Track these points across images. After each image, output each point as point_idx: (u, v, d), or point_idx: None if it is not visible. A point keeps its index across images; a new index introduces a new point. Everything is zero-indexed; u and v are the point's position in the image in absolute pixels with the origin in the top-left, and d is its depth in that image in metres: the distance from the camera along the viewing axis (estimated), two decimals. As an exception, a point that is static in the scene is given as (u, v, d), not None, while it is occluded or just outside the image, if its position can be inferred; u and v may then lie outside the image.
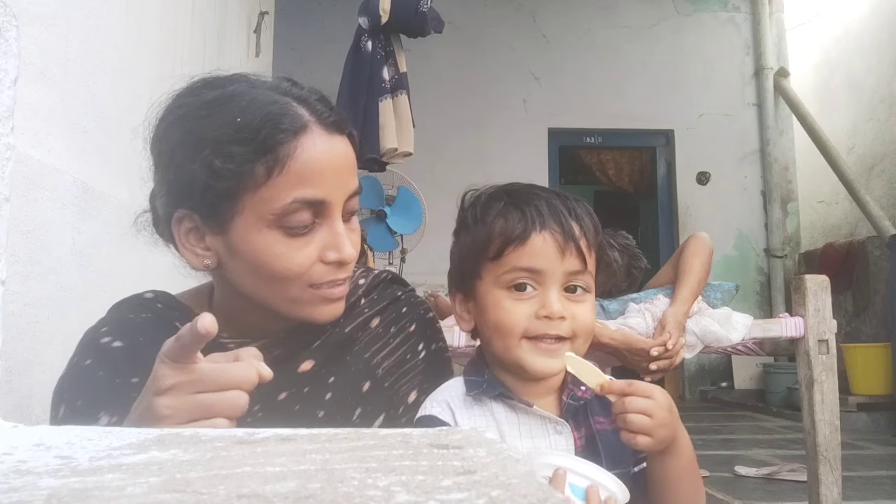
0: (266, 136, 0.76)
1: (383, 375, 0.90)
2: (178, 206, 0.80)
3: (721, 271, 5.22)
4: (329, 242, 0.79)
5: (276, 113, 0.77)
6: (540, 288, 0.83)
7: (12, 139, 0.66)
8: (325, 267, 0.80)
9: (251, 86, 0.81)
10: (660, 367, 1.79)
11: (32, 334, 1.15)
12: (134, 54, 1.67)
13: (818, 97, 5.52)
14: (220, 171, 0.76)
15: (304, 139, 0.77)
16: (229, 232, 0.78)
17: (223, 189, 0.76)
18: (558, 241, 0.82)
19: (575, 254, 0.83)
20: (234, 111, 0.77)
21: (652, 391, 0.77)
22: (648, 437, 0.75)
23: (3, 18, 0.63)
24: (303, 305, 0.81)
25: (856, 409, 4.15)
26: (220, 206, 0.77)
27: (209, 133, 0.77)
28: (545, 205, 0.84)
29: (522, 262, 0.82)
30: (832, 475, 1.79)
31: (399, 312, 0.94)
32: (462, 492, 0.30)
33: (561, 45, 6.04)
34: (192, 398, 0.64)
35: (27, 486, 0.32)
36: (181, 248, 0.81)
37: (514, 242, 0.82)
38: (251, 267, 0.79)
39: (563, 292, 0.83)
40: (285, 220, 0.77)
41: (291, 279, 0.79)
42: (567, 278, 0.83)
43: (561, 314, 0.81)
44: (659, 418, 0.75)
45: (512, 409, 0.86)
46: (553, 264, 0.82)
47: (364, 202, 3.78)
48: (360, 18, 3.22)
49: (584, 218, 0.86)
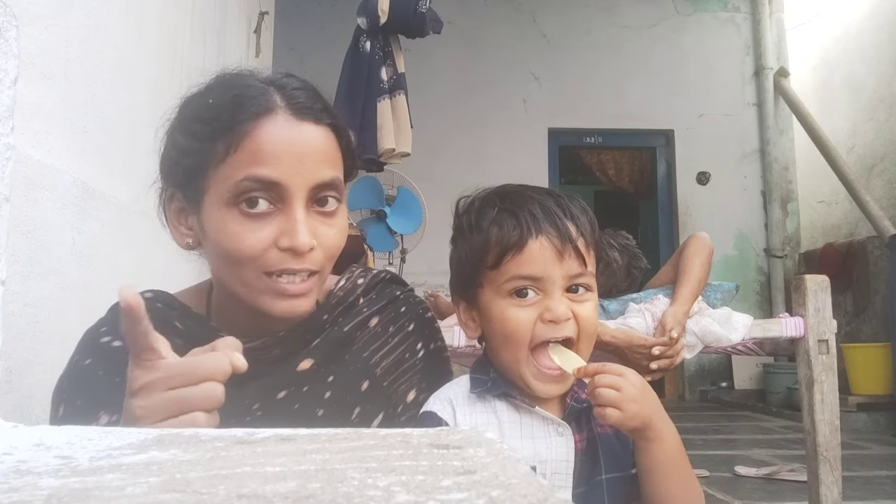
0: (228, 117, 0.78)
1: (382, 374, 0.90)
2: (167, 184, 0.84)
3: (721, 271, 5.22)
4: (285, 228, 0.79)
5: (245, 96, 0.80)
6: (542, 293, 0.83)
7: (12, 139, 0.66)
8: (280, 254, 0.79)
9: (238, 76, 0.85)
10: (660, 366, 1.80)
11: (32, 334, 1.15)
12: (134, 54, 1.67)
13: (818, 97, 5.52)
14: (184, 148, 0.80)
15: (266, 121, 0.79)
16: (202, 211, 0.81)
17: (189, 165, 0.80)
18: (555, 244, 0.82)
19: (574, 255, 0.83)
20: (210, 95, 0.81)
21: (622, 370, 0.79)
22: (617, 410, 0.77)
23: (3, 18, 0.63)
24: (259, 293, 0.80)
25: (856, 409, 4.15)
26: (193, 183, 0.81)
27: (184, 114, 0.82)
28: (539, 208, 0.84)
29: (522, 271, 0.82)
30: (832, 475, 1.79)
31: (398, 312, 0.94)
32: (462, 492, 0.30)
33: (561, 45, 6.04)
34: (164, 395, 0.63)
35: (27, 486, 0.32)
36: (170, 225, 0.85)
37: (512, 251, 0.82)
38: (213, 247, 0.81)
39: (565, 293, 0.83)
40: (239, 198, 0.78)
41: (243, 261, 0.79)
42: (568, 280, 0.83)
43: (567, 316, 0.82)
44: (627, 392, 0.77)
45: (515, 409, 0.86)
46: (552, 269, 0.82)
47: (364, 202, 3.77)
48: (359, 19, 3.22)
49: (579, 217, 0.85)
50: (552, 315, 0.81)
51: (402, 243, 4.04)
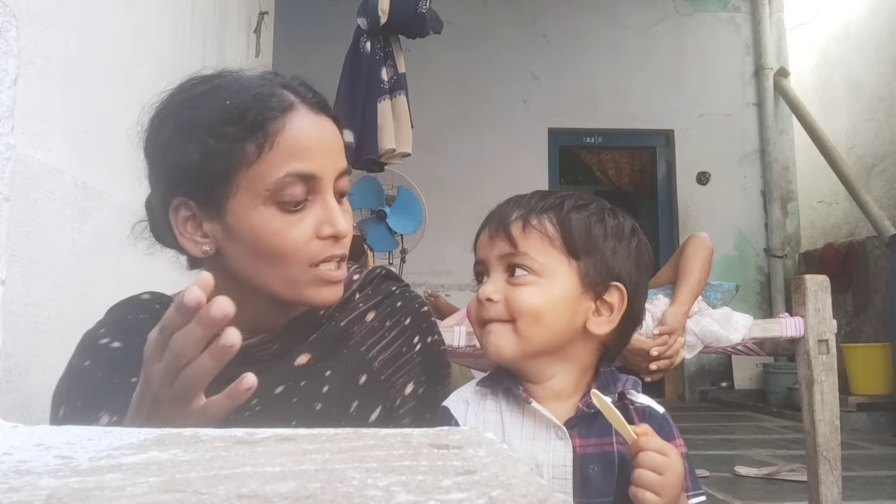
0: (255, 115, 0.78)
1: (379, 368, 0.90)
2: (175, 194, 0.81)
3: (721, 271, 5.22)
4: (323, 218, 0.81)
5: (263, 94, 0.80)
6: (489, 278, 0.87)
7: (12, 139, 0.66)
8: (322, 243, 0.81)
9: (238, 76, 0.84)
10: (660, 367, 1.80)
11: (32, 334, 1.15)
12: (134, 54, 1.67)
13: (818, 97, 5.52)
14: (213, 151, 0.78)
15: (292, 116, 0.80)
16: (226, 214, 0.79)
17: (217, 169, 0.78)
18: (491, 231, 0.88)
19: (504, 237, 0.85)
20: (223, 96, 0.80)
21: (666, 449, 0.76)
22: (656, 497, 0.74)
23: (3, 18, 0.63)
24: (304, 287, 0.82)
25: (856, 409, 4.15)
26: (215, 188, 0.79)
27: (201, 117, 0.79)
28: (501, 206, 0.90)
29: (476, 256, 0.90)
30: (832, 475, 1.79)
31: (394, 307, 0.95)
32: (462, 492, 0.30)
33: (561, 45, 6.04)
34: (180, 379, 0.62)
35: (27, 486, 0.32)
36: (179, 236, 0.82)
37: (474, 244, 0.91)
38: (250, 247, 0.80)
39: (506, 276, 0.85)
40: (279, 195, 0.78)
41: (290, 256, 0.80)
42: (500, 261, 0.86)
43: (486, 295, 0.84)
44: (669, 478, 0.75)
45: (518, 410, 0.85)
46: (487, 253, 0.87)
47: (364, 202, 3.77)
48: (359, 19, 3.22)
49: (536, 203, 0.87)
50: (482, 294, 0.85)
51: (402, 243, 4.04)
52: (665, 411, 0.87)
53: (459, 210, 4.02)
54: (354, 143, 3.08)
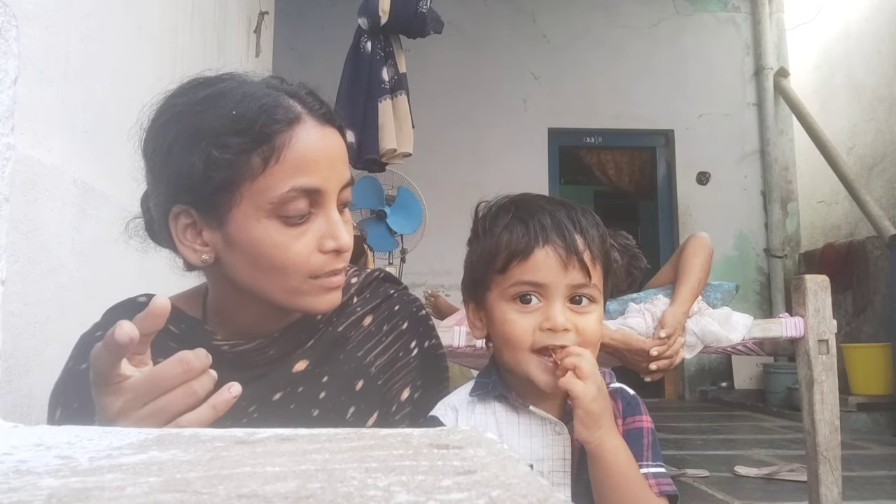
0: (262, 127, 0.77)
1: (376, 373, 0.90)
2: (175, 201, 0.79)
3: (721, 271, 5.22)
4: (326, 231, 0.80)
5: (270, 105, 0.78)
6: (545, 301, 0.84)
7: (12, 139, 0.66)
8: (324, 256, 0.80)
9: (242, 82, 0.82)
10: (660, 366, 1.80)
11: (32, 334, 1.15)
12: (134, 54, 1.67)
13: (818, 97, 5.52)
14: (218, 161, 0.76)
15: (299, 129, 0.79)
16: (227, 225, 0.78)
17: (221, 180, 0.77)
18: (560, 255, 0.84)
19: (578, 267, 0.84)
20: (228, 104, 0.78)
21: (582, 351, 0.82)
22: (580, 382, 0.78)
23: (3, 18, 0.63)
24: (302, 296, 0.81)
25: (856, 409, 4.15)
26: (217, 198, 0.77)
27: (206, 125, 0.77)
28: (549, 218, 0.86)
29: (526, 276, 0.84)
30: (832, 475, 1.79)
31: (392, 310, 0.94)
32: (462, 492, 0.30)
33: (561, 45, 6.03)
34: (140, 413, 0.64)
35: (27, 486, 0.32)
36: (179, 244, 0.81)
37: (518, 257, 0.85)
38: (250, 259, 0.79)
39: (568, 304, 0.84)
40: (283, 209, 0.77)
41: (290, 269, 0.79)
42: (571, 291, 0.84)
43: (564, 326, 0.83)
44: (587, 369, 0.79)
45: (513, 410, 0.87)
46: (556, 278, 0.84)
47: (364, 202, 3.77)
48: (360, 19, 3.22)
49: (588, 230, 0.87)
50: (550, 324, 0.83)
51: (402, 243, 4.04)
52: (635, 393, 0.91)
53: (459, 210, 4.00)
54: (355, 144, 3.08)
